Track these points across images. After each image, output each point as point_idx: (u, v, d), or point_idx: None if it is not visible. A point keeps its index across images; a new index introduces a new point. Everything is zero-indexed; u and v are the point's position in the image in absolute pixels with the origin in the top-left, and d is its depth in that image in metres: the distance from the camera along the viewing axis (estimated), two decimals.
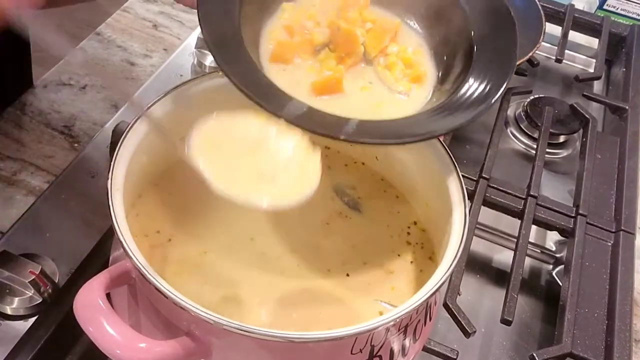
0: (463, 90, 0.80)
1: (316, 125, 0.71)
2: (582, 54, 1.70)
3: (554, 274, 1.17)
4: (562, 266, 1.15)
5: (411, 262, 0.90)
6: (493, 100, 0.78)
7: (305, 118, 0.71)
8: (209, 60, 1.30)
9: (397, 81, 0.84)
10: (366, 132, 0.73)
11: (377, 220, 0.94)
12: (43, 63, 1.35)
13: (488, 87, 0.79)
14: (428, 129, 0.76)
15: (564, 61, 1.52)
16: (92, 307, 0.66)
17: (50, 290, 0.93)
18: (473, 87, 0.80)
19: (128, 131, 0.80)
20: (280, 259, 0.87)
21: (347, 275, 0.87)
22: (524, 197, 1.15)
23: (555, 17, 1.60)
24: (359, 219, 0.94)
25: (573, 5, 1.63)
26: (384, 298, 0.85)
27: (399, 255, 0.90)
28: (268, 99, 0.72)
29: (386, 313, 0.68)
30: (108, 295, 0.69)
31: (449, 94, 0.81)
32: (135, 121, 0.81)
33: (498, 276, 1.15)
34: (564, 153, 1.40)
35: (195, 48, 1.33)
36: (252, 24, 0.83)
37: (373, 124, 0.75)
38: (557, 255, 1.20)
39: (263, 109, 0.71)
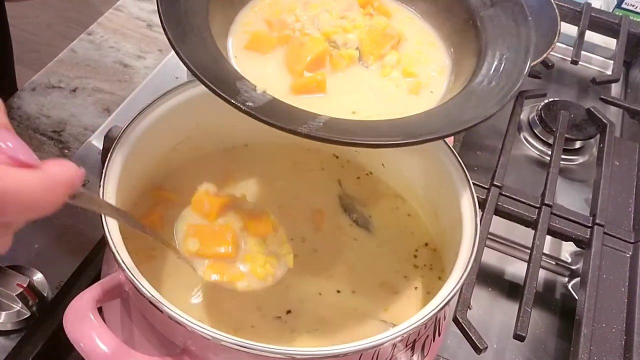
0: (471, 88, 0.77)
1: (274, 117, 0.67)
2: (600, 55, 1.70)
3: (569, 286, 1.17)
4: (578, 279, 1.15)
5: (415, 287, 0.90)
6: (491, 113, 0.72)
7: (263, 109, 0.67)
8: None
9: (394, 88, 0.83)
10: (337, 129, 0.68)
11: (385, 242, 0.95)
12: (31, 65, 1.35)
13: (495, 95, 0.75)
14: (413, 132, 0.70)
15: (580, 63, 1.52)
16: (82, 321, 0.66)
17: (38, 304, 0.93)
18: (482, 85, 0.77)
19: (121, 136, 0.80)
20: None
21: (353, 292, 0.88)
22: (537, 206, 1.15)
23: (571, 16, 1.61)
24: (366, 239, 0.95)
25: (590, 4, 1.64)
26: (388, 318, 0.86)
27: (405, 277, 0.91)
28: (224, 85, 0.68)
29: (393, 328, 0.68)
30: (100, 310, 0.69)
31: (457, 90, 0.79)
32: (129, 125, 0.81)
33: (511, 289, 1.15)
34: (580, 159, 1.40)
35: None
36: (223, 11, 0.82)
37: (348, 122, 0.72)
38: (573, 267, 1.20)
39: (216, 95, 0.67)
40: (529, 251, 1.09)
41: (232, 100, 0.66)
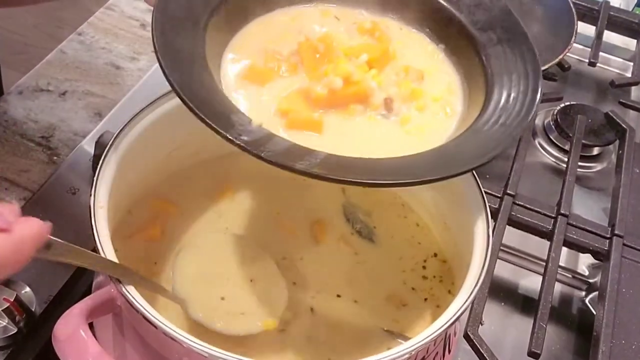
0: (476, 127, 0.77)
1: (269, 152, 0.67)
2: (619, 56, 1.70)
3: (586, 301, 1.17)
4: (595, 293, 1.14)
5: (425, 299, 0.90)
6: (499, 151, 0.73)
7: (258, 143, 0.68)
8: None
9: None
10: (334, 166, 0.69)
11: (391, 252, 0.95)
12: (18, 67, 1.35)
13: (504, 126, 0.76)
14: (409, 172, 0.71)
15: (598, 64, 1.52)
16: (72, 338, 0.67)
17: (26, 320, 0.93)
18: (488, 125, 0.77)
19: (113, 142, 0.80)
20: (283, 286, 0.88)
21: (359, 305, 0.88)
22: (553, 215, 1.15)
23: (589, 15, 1.61)
24: (370, 249, 0.95)
25: (608, 3, 1.63)
26: (396, 333, 0.86)
27: (413, 289, 0.91)
28: (218, 118, 0.69)
29: (401, 344, 0.68)
30: (91, 325, 0.69)
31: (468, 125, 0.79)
32: (121, 131, 0.81)
33: (525, 304, 1.15)
34: (598, 167, 1.40)
35: None
36: (218, 38, 0.82)
37: (346, 160, 0.72)
38: (591, 281, 1.20)
39: (210, 128, 0.68)
40: (544, 264, 1.09)
41: (226, 134, 0.67)
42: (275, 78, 0.82)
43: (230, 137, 0.66)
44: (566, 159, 1.27)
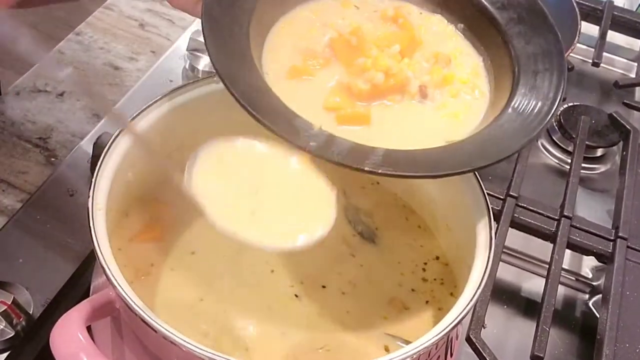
0: (509, 112, 0.81)
1: (338, 155, 0.72)
2: (622, 56, 1.70)
3: (590, 304, 1.17)
4: (599, 296, 1.14)
5: (427, 302, 0.90)
6: (539, 129, 0.78)
7: (326, 148, 0.72)
8: (202, 63, 1.30)
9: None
10: (396, 162, 0.73)
11: (392, 255, 0.95)
12: (15, 67, 1.35)
13: (538, 105, 0.80)
14: (464, 161, 0.75)
15: (601, 65, 1.52)
16: (71, 341, 0.66)
17: (24, 323, 0.93)
18: (522, 104, 0.81)
19: (111, 143, 0.80)
20: (282, 289, 0.88)
21: (361, 308, 0.88)
22: (556, 217, 1.15)
23: (592, 15, 1.61)
24: (372, 252, 0.95)
25: (612, 3, 1.63)
26: (398, 336, 0.86)
27: (413, 291, 0.91)
28: (284, 126, 0.73)
29: (402, 348, 0.68)
30: (89, 329, 0.69)
31: (499, 110, 0.82)
32: (119, 133, 0.81)
33: (527, 307, 1.15)
34: (601, 168, 1.40)
35: (186, 50, 1.34)
36: (255, 40, 0.84)
37: (402, 154, 0.76)
38: (594, 284, 1.20)
39: (284, 140, 0.72)
40: (547, 266, 1.08)
41: (298, 143, 0.71)
42: (315, 74, 0.85)
43: (302, 146, 0.71)
44: (569, 161, 1.27)
